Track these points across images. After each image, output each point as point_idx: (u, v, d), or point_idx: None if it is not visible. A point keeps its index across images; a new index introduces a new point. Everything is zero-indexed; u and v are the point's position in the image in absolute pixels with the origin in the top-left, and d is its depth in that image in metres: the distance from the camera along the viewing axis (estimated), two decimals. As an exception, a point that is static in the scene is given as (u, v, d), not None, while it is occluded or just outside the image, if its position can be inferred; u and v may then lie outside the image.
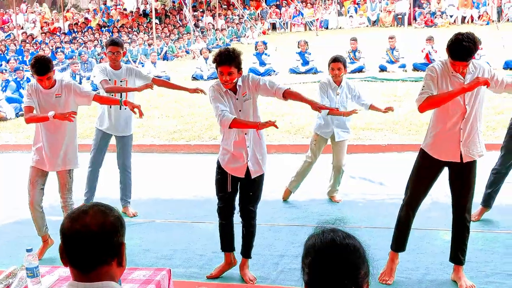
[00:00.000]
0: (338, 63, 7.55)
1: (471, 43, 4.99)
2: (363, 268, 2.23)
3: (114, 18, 34.00)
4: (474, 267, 5.93)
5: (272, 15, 33.75)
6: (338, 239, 2.24)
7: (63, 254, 2.37)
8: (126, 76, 7.66)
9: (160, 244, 6.89)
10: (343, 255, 2.20)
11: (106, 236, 2.33)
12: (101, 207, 2.41)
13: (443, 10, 30.50)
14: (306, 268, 2.25)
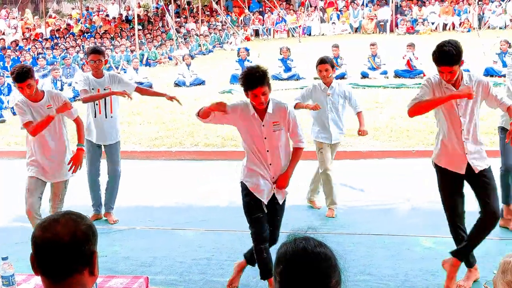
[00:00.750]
0: (325, 64, 7.53)
1: (452, 48, 5.10)
2: (335, 277, 2.22)
3: (96, 24, 33.89)
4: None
5: (255, 21, 33.80)
6: (309, 248, 2.23)
7: (35, 263, 2.34)
8: (109, 84, 7.63)
9: (140, 251, 6.86)
10: (314, 264, 2.19)
11: (78, 245, 2.30)
12: (73, 215, 2.38)
13: (425, 17, 30.69)
14: (278, 277, 2.24)
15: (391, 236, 6.98)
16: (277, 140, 5.40)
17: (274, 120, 5.35)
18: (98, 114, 7.65)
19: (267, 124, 5.35)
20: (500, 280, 2.25)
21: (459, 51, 5.14)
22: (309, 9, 33.44)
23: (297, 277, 2.18)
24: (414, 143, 10.51)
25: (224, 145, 11.29)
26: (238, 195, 7.50)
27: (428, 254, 6.43)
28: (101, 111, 7.65)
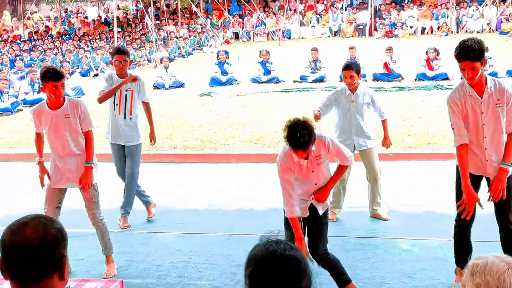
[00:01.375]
0: (350, 70, 7.23)
1: (474, 43, 5.05)
2: (304, 281, 2.22)
3: (75, 26, 33.71)
4: (429, 275, 5.98)
5: (234, 24, 33.80)
6: (279, 251, 2.22)
7: (3, 267, 2.31)
8: (132, 86, 7.58)
9: (117, 255, 6.79)
10: (283, 267, 2.19)
11: (47, 249, 2.28)
12: (42, 219, 2.35)
13: (403, 21, 30.89)
14: (247, 279, 2.24)
15: (368, 238, 7.02)
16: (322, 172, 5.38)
17: (317, 155, 5.27)
18: (117, 114, 7.60)
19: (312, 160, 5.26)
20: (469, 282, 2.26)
21: (481, 48, 5.08)
22: (288, 12, 33.52)
23: (265, 279, 2.18)
24: (391, 145, 10.53)
25: (202, 148, 11.27)
26: (216, 198, 7.56)
27: (405, 256, 6.47)
28: (121, 112, 7.61)
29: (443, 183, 8.78)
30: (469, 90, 5.26)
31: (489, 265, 2.24)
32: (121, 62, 7.45)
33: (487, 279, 2.21)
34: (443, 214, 7.70)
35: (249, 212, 8.19)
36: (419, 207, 8.03)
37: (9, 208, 8.52)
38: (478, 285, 2.24)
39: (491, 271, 2.22)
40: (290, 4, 34.09)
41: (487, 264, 2.25)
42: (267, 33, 32.72)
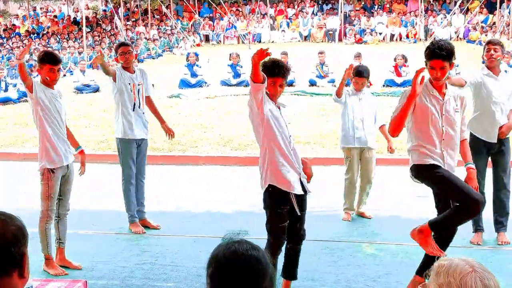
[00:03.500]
0: (362, 78, 7.67)
1: (446, 44, 5.25)
2: (265, 281, 2.22)
3: (44, 25, 33.36)
4: (394, 279, 6.04)
5: (205, 27, 33.76)
6: (240, 250, 2.23)
7: None
8: (142, 80, 7.58)
9: (82, 255, 6.75)
10: (244, 267, 2.19)
11: (6, 247, 2.23)
12: (2, 216, 2.30)
13: (373, 28, 31.15)
14: (208, 279, 2.24)
15: (334, 242, 7.06)
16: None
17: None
18: (137, 108, 7.53)
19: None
20: (433, 282, 2.30)
21: (452, 49, 5.22)
22: (259, 16, 33.60)
23: (226, 279, 2.18)
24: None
25: (171, 150, 11.24)
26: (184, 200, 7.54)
27: (370, 260, 6.52)
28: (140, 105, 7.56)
29: (408, 189, 8.88)
30: (432, 90, 5.39)
31: (453, 266, 2.29)
32: (126, 54, 7.42)
33: (449, 280, 2.25)
34: (408, 219, 7.78)
35: (216, 215, 8.19)
36: (384, 212, 8.11)
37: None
38: (441, 285, 2.28)
39: (454, 272, 2.26)
40: (261, 8, 34.17)
41: (452, 265, 2.30)
42: (238, 36, 32.73)
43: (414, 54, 20.38)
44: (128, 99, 7.47)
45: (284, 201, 5.25)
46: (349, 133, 7.70)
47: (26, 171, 10.12)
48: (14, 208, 6.96)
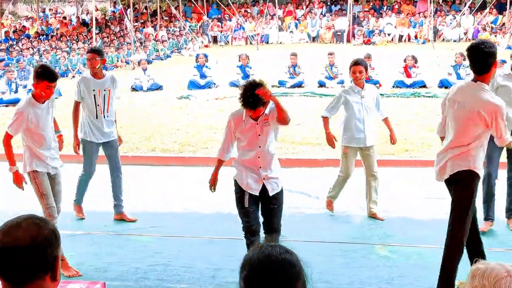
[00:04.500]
0: (359, 66, 7.58)
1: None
2: (298, 285, 2.23)
3: (53, 27, 33.45)
4: (408, 281, 6.02)
5: (213, 28, 33.79)
6: (274, 254, 2.23)
7: None
8: (110, 85, 7.82)
9: (95, 257, 6.78)
10: (278, 270, 2.20)
11: (40, 250, 2.26)
12: (36, 219, 2.33)
13: (381, 29, 31.10)
14: (242, 282, 2.24)
15: (347, 244, 7.04)
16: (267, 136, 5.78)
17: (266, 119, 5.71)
18: (99, 114, 7.78)
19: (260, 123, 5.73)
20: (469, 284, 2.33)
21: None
22: (267, 17, 33.60)
23: (260, 283, 2.19)
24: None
25: (181, 151, 11.24)
26: (195, 201, 7.55)
27: (383, 262, 6.51)
28: (102, 111, 7.82)
29: (420, 190, 8.88)
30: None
31: (489, 270, 2.32)
32: (91, 60, 7.71)
33: (484, 283, 2.28)
34: (420, 221, 7.79)
35: (227, 216, 8.16)
36: (397, 214, 8.08)
37: None
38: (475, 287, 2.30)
39: (489, 276, 2.30)
40: (269, 9, 34.18)
41: (487, 269, 2.33)
42: (246, 38, 32.75)
43: (422, 55, 20.39)
44: (91, 106, 7.77)
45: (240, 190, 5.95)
46: (349, 133, 7.77)
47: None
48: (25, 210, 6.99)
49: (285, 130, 12.12)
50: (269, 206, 5.89)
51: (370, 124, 7.77)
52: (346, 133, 7.80)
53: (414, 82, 17.07)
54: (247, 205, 5.85)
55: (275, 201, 5.90)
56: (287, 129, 12.23)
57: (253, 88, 5.44)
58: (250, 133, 5.73)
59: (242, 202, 5.90)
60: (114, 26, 32.56)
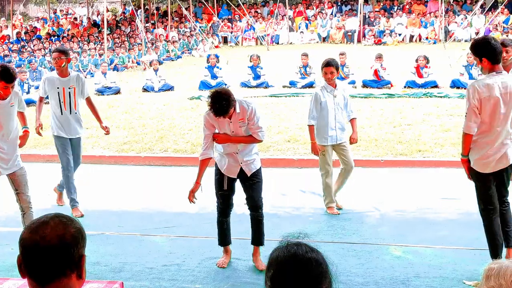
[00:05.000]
0: (331, 67, 7.78)
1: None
2: (325, 283, 2.23)
3: (64, 27, 33.56)
4: (423, 282, 6.00)
5: (224, 28, 33.83)
6: (300, 253, 2.24)
7: (22, 265, 2.31)
8: (74, 84, 8.18)
9: (110, 257, 6.79)
10: (305, 269, 2.20)
11: (66, 248, 2.27)
12: (62, 218, 2.35)
13: (392, 29, 31.05)
14: (268, 281, 2.24)
15: (361, 245, 7.02)
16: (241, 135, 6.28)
17: (240, 118, 6.17)
18: (64, 111, 8.15)
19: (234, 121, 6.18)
20: (484, 286, 2.30)
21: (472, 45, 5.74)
22: (278, 17, 33.60)
23: (287, 282, 2.19)
24: (382, 152, 10.60)
25: (193, 151, 11.24)
26: (207, 201, 7.54)
27: (398, 262, 6.48)
28: (66, 108, 8.18)
29: (434, 191, 8.85)
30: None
31: (504, 268, 2.30)
32: (56, 59, 8.10)
33: (500, 282, 2.26)
34: (434, 222, 7.76)
35: (240, 216, 8.15)
36: (410, 214, 8.06)
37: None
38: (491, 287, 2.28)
39: (505, 275, 2.27)
40: (280, 9, 34.17)
41: (502, 268, 2.30)
42: (256, 38, 32.77)
43: (434, 55, 20.31)
44: (56, 103, 8.17)
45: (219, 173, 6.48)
46: (322, 131, 7.96)
47: (49, 173, 10.20)
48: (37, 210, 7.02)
49: (298, 130, 12.16)
50: (248, 182, 6.40)
51: (342, 121, 8.00)
52: (320, 132, 7.98)
53: (425, 82, 17.01)
54: (225, 188, 6.40)
55: (254, 178, 6.40)
56: (299, 129, 12.25)
57: (219, 97, 5.86)
58: (225, 129, 6.22)
59: (221, 185, 6.42)
60: (125, 27, 32.64)
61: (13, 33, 31.43)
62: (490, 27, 29.05)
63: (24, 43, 28.47)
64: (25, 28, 33.16)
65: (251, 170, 6.38)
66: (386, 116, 13.43)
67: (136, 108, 15.61)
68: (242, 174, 6.38)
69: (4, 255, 6.91)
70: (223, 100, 5.86)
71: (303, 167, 10.24)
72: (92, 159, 11.09)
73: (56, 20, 35.16)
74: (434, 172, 9.72)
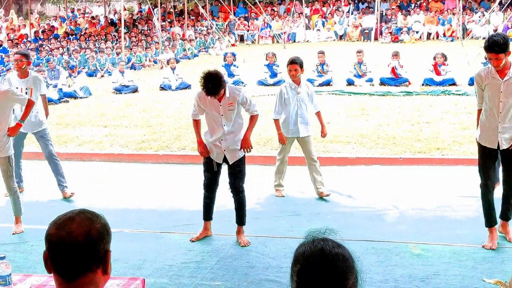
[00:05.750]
0: (294, 64, 8.37)
1: (500, 38, 6.11)
2: (351, 278, 2.24)
3: (81, 26, 33.75)
4: (442, 280, 5.99)
5: (240, 26, 33.85)
6: (327, 248, 2.25)
7: (48, 261, 2.33)
8: (31, 85, 8.75)
9: (129, 254, 6.82)
10: (332, 264, 2.21)
11: (92, 244, 2.30)
12: (88, 214, 2.37)
13: (409, 26, 30.92)
14: (295, 276, 2.25)
15: (380, 242, 7.01)
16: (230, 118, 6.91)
17: (229, 102, 6.79)
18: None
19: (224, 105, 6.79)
20: None
21: (506, 42, 6.08)
22: (294, 15, 33.57)
23: (314, 277, 2.20)
24: (400, 150, 10.57)
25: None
26: (225, 199, 7.58)
27: (417, 260, 6.47)
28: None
29: (453, 189, 8.81)
30: (493, 73, 6.34)
31: None
32: (17, 61, 8.76)
33: None
34: (453, 220, 7.73)
35: (259, 214, 8.19)
36: (429, 212, 8.03)
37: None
38: None
39: None
40: (296, 7, 34.13)
41: None
42: (272, 36, 32.75)
43: (451, 53, 20.21)
44: None
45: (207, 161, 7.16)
46: (285, 125, 8.56)
47: (69, 171, 10.26)
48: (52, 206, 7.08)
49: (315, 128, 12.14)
50: (232, 170, 7.07)
51: (304, 117, 8.54)
52: (284, 125, 8.57)
53: (443, 80, 16.93)
54: (215, 169, 7.08)
55: (236, 167, 7.03)
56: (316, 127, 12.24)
57: (211, 77, 6.46)
58: (214, 112, 6.83)
59: (210, 167, 7.10)
60: (142, 25, 32.75)
61: (30, 32, 31.66)
62: (509, 24, 28.85)
63: (41, 42, 28.64)
64: (42, 27, 33.39)
65: (233, 158, 7.00)
66: (404, 114, 13.39)
67: (154, 106, 15.66)
68: (226, 160, 7.04)
69: (26, 252, 6.98)
70: (215, 80, 6.46)
71: (321, 165, 10.22)
72: (110, 157, 11.16)
73: (74, 19, 35.36)
74: (452, 170, 9.69)
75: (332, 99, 15.83)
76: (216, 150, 6.98)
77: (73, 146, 11.87)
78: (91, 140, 12.14)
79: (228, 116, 6.86)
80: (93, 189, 9.43)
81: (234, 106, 6.81)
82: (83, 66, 23.73)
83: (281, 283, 5.98)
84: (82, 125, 13.60)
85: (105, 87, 19.46)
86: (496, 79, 6.31)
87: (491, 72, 6.34)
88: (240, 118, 7.05)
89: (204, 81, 6.48)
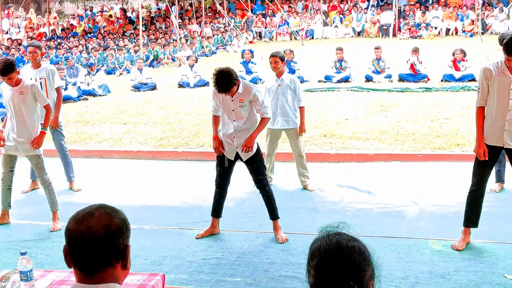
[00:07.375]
0: (274, 57, 8.55)
1: None
2: (368, 271, 2.26)
3: (100, 24, 33.90)
4: (463, 276, 5.95)
5: (257, 23, 33.84)
6: (343, 242, 2.27)
7: (68, 256, 2.35)
8: (45, 75, 8.92)
9: (149, 250, 6.86)
10: (349, 257, 2.23)
11: (111, 239, 2.32)
12: (107, 209, 2.39)
13: (428, 22, 30.74)
14: (312, 270, 2.27)
15: (400, 239, 6.98)
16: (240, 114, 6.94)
17: (241, 99, 6.85)
18: None
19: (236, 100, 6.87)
20: None
21: None
22: (312, 12, 33.49)
23: (331, 270, 2.22)
24: (420, 146, 10.52)
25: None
26: (245, 195, 7.58)
27: (437, 257, 6.43)
28: None
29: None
30: (504, 69, 6.21)
31: None
32: (31, 53, 8.88)
33: None
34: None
35: (280, 210, 8.17)
36: (450, 208, 7.98)
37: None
38: None
39: None
40: (314, 4, 34.06)
41: None
42: (290, 33, 32.72)
43: (470, 48, 20.07)
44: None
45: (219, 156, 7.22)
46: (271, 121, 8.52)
47: (88, 168, 10.34)
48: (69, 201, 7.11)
49: (334, 125, 12.13)
50: (249, 167, 7.12)
51: (286, 109, 8.67)
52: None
53: (463, 75, 16.83)
54: (227, 165, 7.13)
55: (252, 163, 7.04)
56: (336, 124, 12.23)
57: (222, 75, 6.54)
58: (226, 107, 6.91)
59: (222, 163, 7.17)
60: (160, 23, 32.84)
61: (49, 30, 31.86)
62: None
63: (60, 40, 28.81)
64: (61, 26, 33.57)
65: (246, 156, 7.02)
66: (423, 110, 13.32)
67: (172, 104, 15.71)
68: (240, 157, 7.08)
69: (47, 249, 7.03)
70: (225, 77, 6.54)
71: (339, 162, 10.22)
72: (130, 154, 11.22)
73: (92, 17, 35.53)
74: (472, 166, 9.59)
75: (351, 95, 15.79)
76: (229, 146, 7.04)
77: (93, 143, 11.94)
78: (110, 138, 12.20)
79: (239, 113, 6.91)
80: (112, 186, 9.48)
81: (244, 102, 6.86)
82: (101, 64, 23.85)
83: (301, 279, 5.97)
84: (102, 123, 13.67)
85: (124, 84, 19.55)
86: (506, 75, 6.20)
87: (502, 67, 6.23)
88: (254, 116, 7.08)
89: (215, 79, 6.61)
